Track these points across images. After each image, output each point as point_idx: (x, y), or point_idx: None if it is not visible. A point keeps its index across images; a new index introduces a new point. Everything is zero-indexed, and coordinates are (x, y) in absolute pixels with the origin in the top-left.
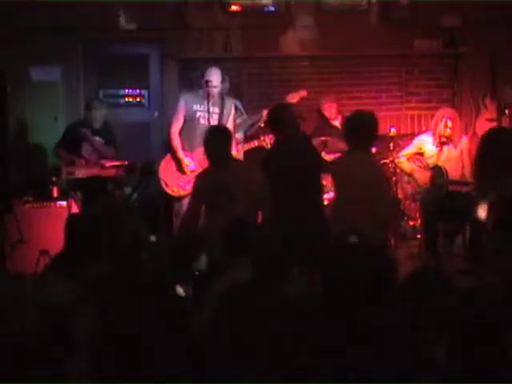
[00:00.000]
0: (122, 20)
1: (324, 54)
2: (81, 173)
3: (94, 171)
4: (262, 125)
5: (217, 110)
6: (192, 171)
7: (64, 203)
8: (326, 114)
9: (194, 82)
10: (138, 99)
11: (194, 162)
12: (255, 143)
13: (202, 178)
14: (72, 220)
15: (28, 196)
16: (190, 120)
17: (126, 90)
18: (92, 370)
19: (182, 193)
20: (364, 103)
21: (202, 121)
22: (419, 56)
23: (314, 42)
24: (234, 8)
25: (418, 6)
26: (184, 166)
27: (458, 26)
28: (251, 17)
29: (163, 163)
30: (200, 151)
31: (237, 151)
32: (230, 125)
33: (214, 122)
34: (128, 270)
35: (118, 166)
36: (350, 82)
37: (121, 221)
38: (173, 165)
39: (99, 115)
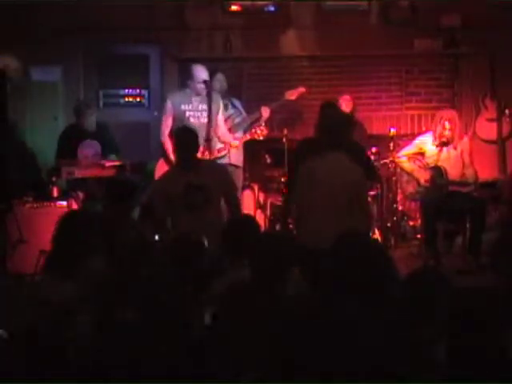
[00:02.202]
0: None
1: (324, 54)
2: (81, 173)
3: (95, 171)
4: (263, 124)
5: (205, 107)
6: None
7: (64, 203)
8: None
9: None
10: (138, 99)
11: None
12: (247, 136)
13: (169, 182)
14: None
15: (28, 196)
16: (179, 121)
17: (126, 90)
18: (92, 369)
19: None
20: (364, 103)
21: (192, 120)
22: (419, 56)
23: (314, 42)
24: (233, 8)
25: (418, 5)
26: None
27: (458, 25)
28: (251, 17)
29: (158, 169)
30: None
31: (230, 147)
32: (220, 120)
33: (204, 119)
34: (130, 270)
35: (118, 166)
36: (350, 82)
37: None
38: (167, 168)
39: (91, 119)
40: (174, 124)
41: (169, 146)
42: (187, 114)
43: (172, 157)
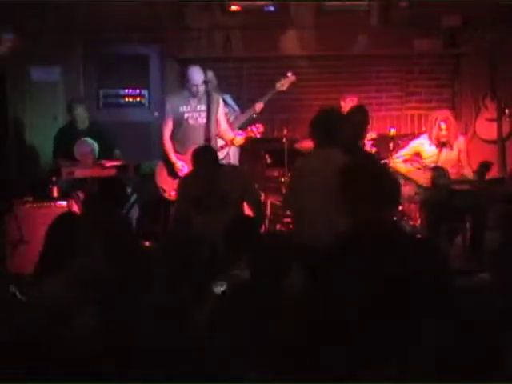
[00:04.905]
0: None
1: (324, 54)
2: (81, 173)
3: (94, 171)
4: (254, 115)
5: (204, 107)
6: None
7: (64, 203)
8: (343, 108)
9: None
10: (138, 99)
11: (186, 164)
12: (247, 135)
13: (190, 181)
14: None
15: (28, 196)
16: (178, 123)
17: (126, 90)
18: (91, 369)
19: None
20: (364, 103)
21: (190, 121)
22: (419, 56)
23: (314, 42)
24: (233, 8)
25: (418, 6)
26: (177, 170)
27: (458, 25)
28: (251, 17)
29: (158, 170)
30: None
31: (231, 144)
32: (221, 117)
33: (203, 120)
34: (127, 271)
35: (118, 167)
36: (350, 81)
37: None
38: (167, 170)
39: (80, 116)
40: (173, 126)
41: (169, 147)
42: (186, 115)
43: (173, 159)
